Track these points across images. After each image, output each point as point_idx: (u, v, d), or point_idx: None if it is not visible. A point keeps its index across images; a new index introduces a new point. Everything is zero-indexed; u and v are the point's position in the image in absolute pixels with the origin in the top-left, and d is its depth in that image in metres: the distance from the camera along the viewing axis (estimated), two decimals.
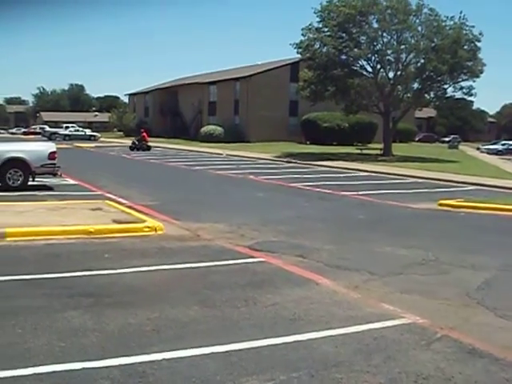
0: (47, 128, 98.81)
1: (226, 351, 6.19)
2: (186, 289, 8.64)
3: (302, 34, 44.55)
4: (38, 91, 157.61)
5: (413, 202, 19.43)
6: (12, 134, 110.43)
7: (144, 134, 55.56)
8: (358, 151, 50.24)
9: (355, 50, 43.62)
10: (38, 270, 9.35)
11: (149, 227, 13.08)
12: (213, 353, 6.13)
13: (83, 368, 5.67)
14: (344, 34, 43.86)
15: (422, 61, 44.07)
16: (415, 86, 46.40)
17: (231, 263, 10.27)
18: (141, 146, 52.74)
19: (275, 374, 5.63)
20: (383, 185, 25.56)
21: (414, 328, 7.12)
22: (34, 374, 5.54)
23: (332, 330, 6.93)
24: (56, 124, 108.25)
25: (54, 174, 21.51)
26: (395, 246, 12.17)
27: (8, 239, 11.73)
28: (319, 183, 24.87)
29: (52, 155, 20.95)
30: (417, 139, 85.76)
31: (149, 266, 9.84)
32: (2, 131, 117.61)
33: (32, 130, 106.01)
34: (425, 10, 43.95)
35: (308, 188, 23.35)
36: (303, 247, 11.69)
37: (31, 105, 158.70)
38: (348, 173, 31.86)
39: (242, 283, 8.96)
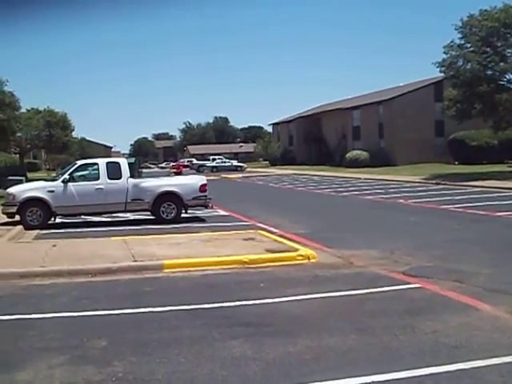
0: (195, 161, 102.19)
1: (387, 380, 6.09)
2: (343, 317, 8.57)
3: (445, 52, 43.56)
4: (184, 126, 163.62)
5: None
6: (161, 168, 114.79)
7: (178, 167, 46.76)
8: (510, 169, 48.21)
9: (501, 64, 41.98)
10: (196, 300, 9.63)
11: (302, 255, 13.15)
12: (373, 382, 6.05)
13: None
14: (488, 49, 42.42)
15: None
16: None
17: (387, 290, 10.10)
18: None
19: None
20: None
21: None
22: None
23: (496, 358, 6.63)
24: (203, 156, 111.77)
25: (206, 206, 22.19)
26: None
27: (166, 270, 12.19)
28: (472, 204, 24.03)
29: (203, 187, 21.63)
30: None
31: (304, 294, 9.88)
32: (152, 166, 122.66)
33: (181, 163, 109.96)
34: None
35: (460, 210, 22.62)
36: (459, 272, 11.29)
37: (178, 139, 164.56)
38: (501, 192, 30.54)
39: (399, 310, 8.79)
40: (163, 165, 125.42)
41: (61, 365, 6.86)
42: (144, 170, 75.36)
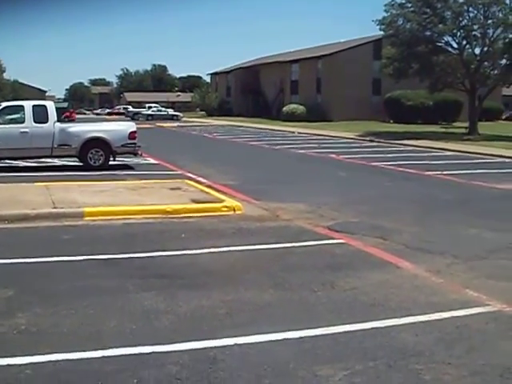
0: (130, 108, 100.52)
1: (300, 337, 5.95)
2: (262, 271, 8.41)
3: (385, 11, 43.43)
4: (121, 72, 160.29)
5: (500, 182, 18.57)
6: (97, 114, 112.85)
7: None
8: (443, 130, 48.81)
9: (440, 25, 42.08)
10: (114, 249, 9.35)
11: (227, 207, 12.93)
12: (286, 339, 5.90)
13: (153, 352, 5.54)
14: (428, 10, 42.39)
15: (511, 36, 42.32)
16: (503, 62, 44.55)
17: (310, 244, 9.96)
18: None
19: (351, 363, 5.36)
20: (469, 164, 24.61)
21: (501, 316, 6.68)
22: (103, 356, 5.45)
23: (412, 317, 6.57)
24: (139, 104, 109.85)
25: (135, 154, 21.72)
26: (481, 228, 11.55)
27: (86, 218, 11.82)
28: (403, 162, 24.19)
29: (132, 135, 21.13)
30: (504, 117, 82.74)
31: (225, 246, 9.68)
32: (88, 112, 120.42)
33: (116, 111, 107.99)
34: None
35: (391, 167, 22.77)
36: (384, 229, 11.26)
37: (115, 86, 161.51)
38: (433, 152, 30.92)
39: (320, 266, 8.67)
40: (99, 111, 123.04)
41: None
42: (78, 116, 74.10)
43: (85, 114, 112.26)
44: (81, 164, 20.86)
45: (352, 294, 7.36)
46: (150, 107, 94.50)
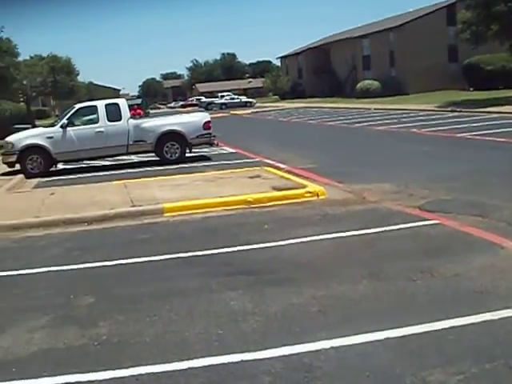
0: (203, 99, 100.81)
1: (403, 336, 5.34)
2: (354, 260, 7.80)
3: None
4: (191, 64, 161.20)
5: None
6: (171, 108, 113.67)
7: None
8: None
9: None
10: (195, 246, 8.92)
11: (310, 192, 12.35)
12: (387, 338, 5.30)
13: (242, 360, 5.07)
14: None
15: None
16: None
17: (402, 228, 9.23)
18: None
19: (464, 366, 4.70)
20: None
21: None
22: (189, 368, 5.04)
23: None
24: (211, 94, 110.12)
25: (211, 144, 21.45)
26: None
27: (166, 215, 11.48)
28: (490, 131, 22.91)
29: (207, 125, 20.81)
30: None
31: (311, 235, 9.09)
32: (162, 106, 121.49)
33: (189, 103, 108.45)
34: None
35: (478, 138, 21.57)
36: (481, 205, 10.36)
37: (186, 78, 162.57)
38: None
39: (415, 251, 7.98)
40: (172, 104, 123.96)
41: (42, 327, 6.20)
42: (153, 111, 74.80)
43: (159, 108, 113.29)
44: (158, 159, 20.68)
45: (454, 282, 6.66)
46: (222, 96, 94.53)
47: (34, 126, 32.73)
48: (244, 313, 6.14)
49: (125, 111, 20.40)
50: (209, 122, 20.98)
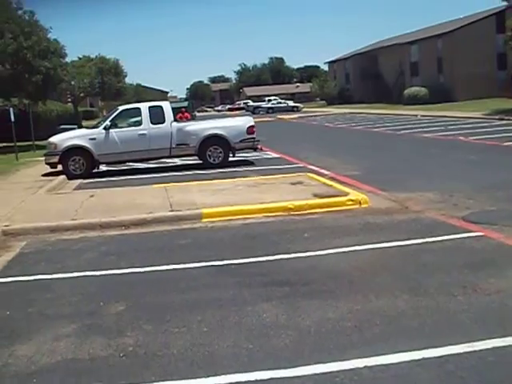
0: (250, 102, 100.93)
1: (441, 356, 5.02)
2: (394, 273, 7.49)
3: None
4: (239, 68, 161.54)
5: None
6: (218, 111, 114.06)
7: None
8: None
9: None
10: (232, 254, 8.72)
11: (352, 200, 12.06)
12: (425, 358, 4.99)
13: (271, 378, 4.83)
14: None
15: None
16: None
17: (445, 239, 8.90)
18: None
19: None
20: None
21: None
22: None
23: None
24: (259, 98, 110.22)
25: (255, 149, 21.28)
26: None
27: (205, 220, 11.31)
28: None
29: (251, 129, 20.65)
30: None
31: (352, 245, 8.82)
32: (209, 109, 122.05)
33: (236, 106, 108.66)
34: None
35: None
36: None
37: (234, 82, 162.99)
38: None
39: (458, 264, 7.63)
40: (219, 107, 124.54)
41: (68, 336, 6.04)
42: (199, 114, 75.03)
43: (206, 111, 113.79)
44: (201, 162, 20.59)
45: (498, 299, 6.32)
46: (269, 100, 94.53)
47: (81, 127, 32.97)
48: (277, 326, 5.90)
49: (168, 114, 20.35)
50: (253, 126, 20.81)
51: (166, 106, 20.94)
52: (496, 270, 7.30)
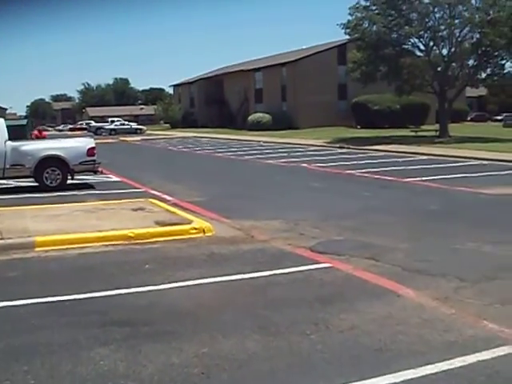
0: (93, 123, 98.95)
1: None
2: (242, 309, 7.07)
3: (350, 14, 42.56)
4: (83, 87, 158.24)
5: (485, 186, 17.47)
6: (59, 131, 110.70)
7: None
8: (413, 134, 47.87)
9: (406, 27, 41.31)
10: (66, 289, 7.92)
11: (196, 228, 11.58)
12: None
13: None
14: (393, 12, 41.66)
15: (478, 35, 41.46)
16: (471, 62, 43.83)
17: (293, 271, 8.63)
18: None
19: None
20: (447, 168, 23.56)
21: None
22: None
23: (431, 365, 5.30)
24: (102, 119, 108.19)
25: (95, 172, 20.31)
26: (479, 241, 10.39)
27: (38, 249, 10.39)
28: (378, 169, 23.07)
29: (91, 151, 19.69)
30: (469, 119, 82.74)
31: (196, 278, 8.31)
32: (50, 129, 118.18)
33: (78, 126, 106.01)
34: None
35: (367, 175, 21.60)
36: (374, 247, 10.01)
37: (77, 101, 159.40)
38: (406, 157, 29.86)
39: (308, 298, 7.34)
40: (61, 127, 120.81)
41: None
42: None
43: (47, 130, 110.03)
44: (37, 185, 19.38)
45: (352, 336, 6.07)
46: (112, 121, 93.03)
47: None
48: (115, 376, 5.25)
49: (2, 132, 18.99)
50: (93, 148, 19.87)
51: (1, 123, 19.56)
52: (347, 304, 7.10)
